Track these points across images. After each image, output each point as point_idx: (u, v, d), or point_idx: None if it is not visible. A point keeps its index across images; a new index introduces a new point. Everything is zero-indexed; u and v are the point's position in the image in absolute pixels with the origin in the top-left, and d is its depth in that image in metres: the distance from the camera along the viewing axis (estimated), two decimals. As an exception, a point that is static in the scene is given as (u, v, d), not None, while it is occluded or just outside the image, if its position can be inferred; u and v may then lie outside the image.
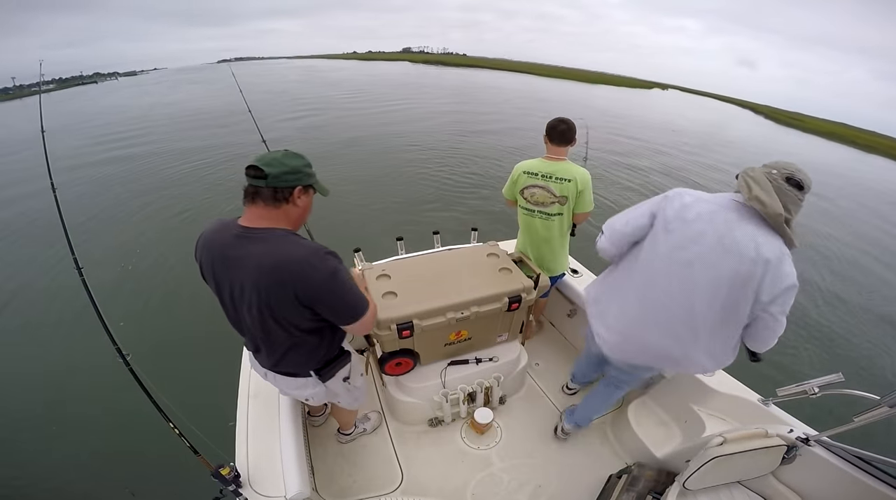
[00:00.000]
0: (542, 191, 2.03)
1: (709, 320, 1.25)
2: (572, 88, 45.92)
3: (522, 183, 2.09)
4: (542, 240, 2.19)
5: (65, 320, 4.25)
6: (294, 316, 1.15)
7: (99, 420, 3.19)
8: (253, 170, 1.06)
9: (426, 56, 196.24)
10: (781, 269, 1.13)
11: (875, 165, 23.15)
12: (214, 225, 1.18)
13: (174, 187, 8.30)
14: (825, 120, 76.77)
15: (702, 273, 1.22)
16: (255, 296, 1.10)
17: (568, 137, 1.98)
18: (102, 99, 30.62)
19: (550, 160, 2.02)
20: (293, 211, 1.14)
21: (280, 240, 1.09)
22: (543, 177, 2.01)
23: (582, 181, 1.96)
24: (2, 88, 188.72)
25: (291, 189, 1.11)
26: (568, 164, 2.00)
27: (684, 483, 1.47)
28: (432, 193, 7.81)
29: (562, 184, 1.97)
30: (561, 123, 1.98)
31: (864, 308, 5.49)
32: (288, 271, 1.06)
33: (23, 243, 6.17)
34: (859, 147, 33.06)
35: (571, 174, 1.96)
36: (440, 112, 18.06)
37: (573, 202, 2.02)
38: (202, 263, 1.19)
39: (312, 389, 1.44)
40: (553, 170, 1.99)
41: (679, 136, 18.34)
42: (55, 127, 16.37)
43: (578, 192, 1.98)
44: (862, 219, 9.85)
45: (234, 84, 3.31)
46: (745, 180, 1.20)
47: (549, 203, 2.04)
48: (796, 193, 1.15)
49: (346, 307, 1.19)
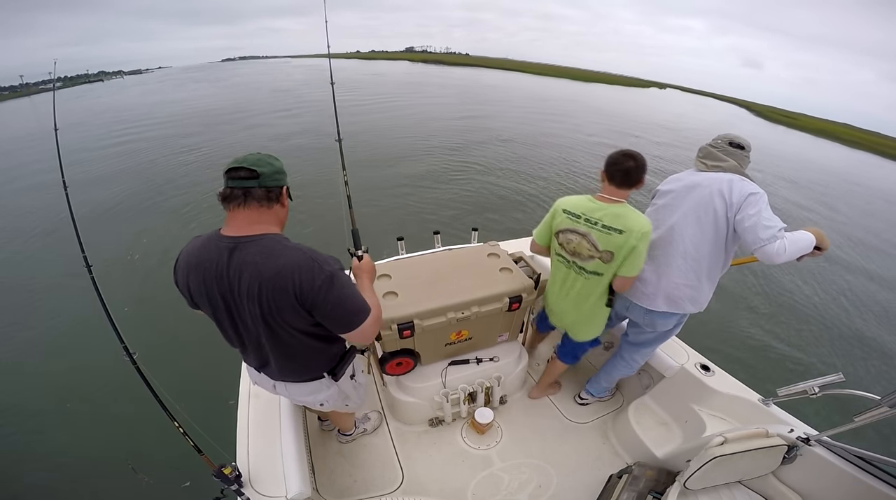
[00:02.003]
0: (581, 240, 1.60)
1: (705, 250, 1.57)
2: (567, 86, 46.02)
3: (559, 224, 1.68)
4: (576, 297, 1.76)
5: (72, 317, 4.27)
6: (299, 322, 1.12)
7: (103, 418, 3.20)
8: (244, 171, 1.01)
9: (426, 55, 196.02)
10: (742, 184, 1.50)
11: (862, 161, 24.18)
12: (196, 245, 1.11)
13: (181, 183, 8.37)
14: (826, 120, 77.55)
15: (687, 217, 1.59)
16: (258, 308, 1.06)
17: (634, 177, 1.52)
18: (109, 97, 30.90)
19: (602, 201, 1.58)
20: (281, 212, 1.13)
21: (278, 245, 1.05)
22: (587, 222, 1.57)
23: (638, 236, 1.49)
24: (9, 86, 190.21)
25: (280, 189, 1.10)
26: (624, 208, 1.54)
27: (685, 483, 1.48)
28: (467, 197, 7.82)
29: (609, 235, 1.52)
30: (627, 158, 1.50)
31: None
32: (290, 277, 1.02)
33: (32, 239, 6.21)
34: (848, 144, 34.02)
35: (625, 224, 1.49)
36: (442, 111, 18.07)
37: (620, 262, 1.56)
38: (191, 287, 1.11)
39: (327, 391, 1.40)
40: (601, 215, 1.55)
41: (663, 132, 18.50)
42: (65, 124, 16.66)
43: (630, 249, 1.51)
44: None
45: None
46: (702, 160, 1.67)
47: (587, 257, 1.61)
48: (740, 151, 1.60)
49: (343, 315, 1.13)
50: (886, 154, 29.38)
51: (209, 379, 3.23)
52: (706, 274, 1.62)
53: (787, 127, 38.77)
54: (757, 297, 5.35)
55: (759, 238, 1.41)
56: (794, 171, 14.85)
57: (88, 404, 3.34)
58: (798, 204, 10.25)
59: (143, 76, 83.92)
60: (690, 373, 1.91)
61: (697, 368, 1.93)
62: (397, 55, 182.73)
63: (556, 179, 9.17)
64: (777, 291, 5.57)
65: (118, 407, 3.19)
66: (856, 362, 4.38)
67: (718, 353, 4.04)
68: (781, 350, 4.38)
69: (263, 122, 15.68)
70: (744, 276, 5.73)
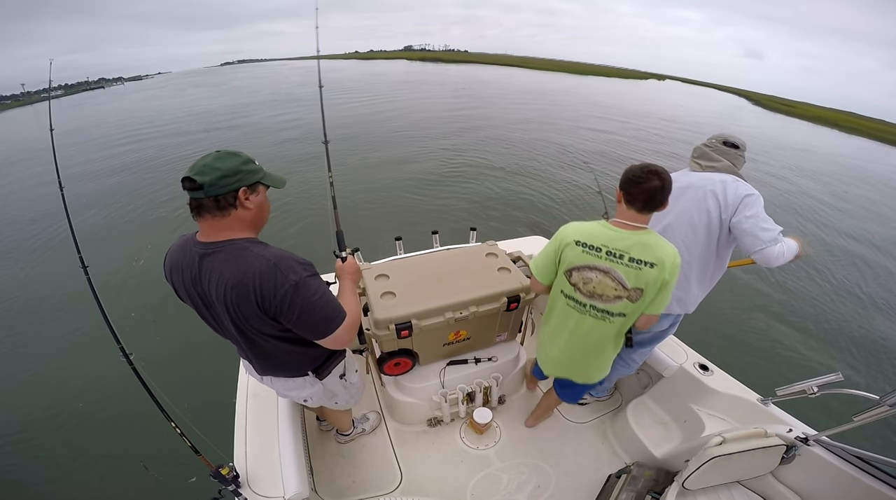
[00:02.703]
0: (604, 278, 1.34)
1: (696, 252, 1.57)
2: (564, 80, 46.15)
3: (572, 260, 1.39)
4: (589, 348, 1.51)
5: (69, 319, 4.26)
6: (267, 328, 1.11)
7: (100, 419, 3.19)
8: (188, 182, 0.95)
9: (423, 54, 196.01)
10: (737, 185, 1.50)
11: (855, 145, 24.45)
12: (178, 244, 1.12)
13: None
14: (824, 107, 78.43)
15: (681, 218, 1.58)
16: (226, 313, 1.07)
17: (659, 200, 1.25)
18: (112, 104, 30.85)
19: (624, 229, 1.31)
20: (245, 214, 1.05)
21: (241, 253, 1.02)
22: (610, 255, 1.31)
23: (672, 268, 1.28)
24: (10, 95, 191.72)
25: (234, 193, 1.01)
26: (652, 236, 1.30)
27: (683, 483, 1.48)
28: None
29: (640, 270, 1.28)
30: (651, 176, 1.22)
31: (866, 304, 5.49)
32: (251, 286, 1.00)
33: (30, 240, 6.19)
34: (847, 131, 34.37)
35: (657, 256, 1.26)
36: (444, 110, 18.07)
37: (649, 300, 1.33)
38: (175, 286, 1.15)
39: (310, 388, 1.42)
40: (626, 245, 1.29)
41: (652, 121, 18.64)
42: (69, 130, 16.83)
43: (663, 283, 1.29)
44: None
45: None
46: (696, 161, 1.67)
47: (613, 298, 1.35)
48: (735, 150, 1.60)
49: (312, 323, 1.09)
50: (886, 140, 29.74)
51: (209, 379, 3.23)
52: (696, 276, 1.61)
53: (785, 115, 39.10)
54: (759, 296, 5.36)
55: (759, 240, 1.39)
56: (796, 159, 15.05)
57: (88, 404, 3.33)
58: (802, 190, 10.25)
59: (143, 82, 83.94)
60: (689, 373, 1.91)
61: (696, 367, 1.93)
62: (395, 54, 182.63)
63: (556, 178, 9.16)
64: (778, 290, 5.58)
65: (118, 407, 3.18)
66: (857, 362, 4.39)
67: (719, 353, 4.04)
68: (782, 350, 4.38)
69: (260, 123, 15.73)
70: (747, 275, 5.74)
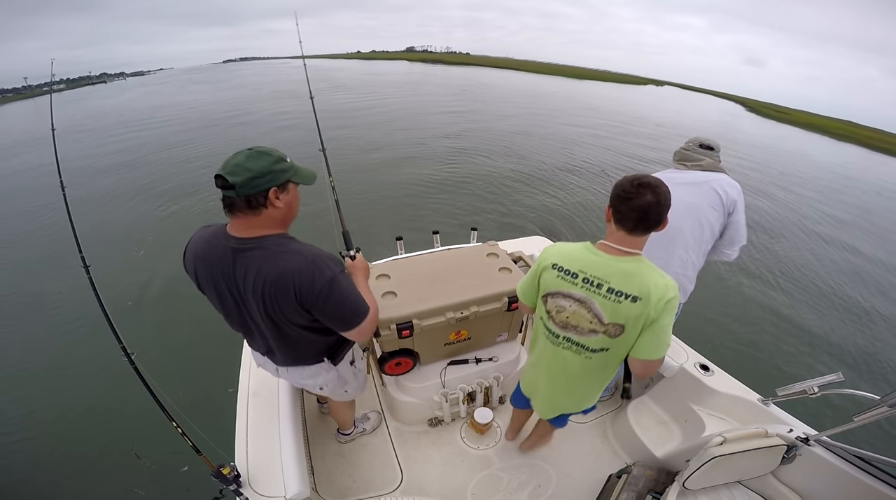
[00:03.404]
0: (579, 308, 1.17)
1: (704, 241, 1.69)
2: (563, 84, 46.17)
3: (547, 285, 1.23)
4: (569, 381, 1.34)
5: (71, 318, 4.27)
6: (300, 319, 1.18)
7: (101, 418, 3.20)
8: (220, 180, 0.98)
9: (423, 55, 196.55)
10: (733, 183, 1.67)
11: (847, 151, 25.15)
12: (203, 236, 1.14)
13: (187, 181, 8.46)
14: (817, 114, 79.31)
15: (689, 211, 1.67)
16: (262, 306, 1.12)
17: (654, 218, 1.04)
18: (113, 98, 31.01)
19: (609, 253, 1.13)
20: (276, 213, 1.07)
21: (278, 250, 1.07)
22: (587, 283, 1.14)
23: (660, 305, 1.06)
24: (12, 88, 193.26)
25: (265, 193, 1.02)
26: (639, 264, 1.10)
27: (684, 483, 1.48)
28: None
29: (619, 304, 1.09)
30: (643, 190, 1.02)
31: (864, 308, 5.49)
32: (290, 281, 1.06)
33: (31, 238, 6.21)
34: (837, 137, 34.89)
35: (641, 288, 1.07)
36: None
37: (634, 338, 1.13)
38: (198, 276, 1.16)
39: (326, 375, 1.47)
40: (606, 273, 1.11)
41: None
42: (70, 125, 16.89)
43: (649, 322, 1.08)
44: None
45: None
46: (680, 163, 1.84)
47: (588, 331, 1.18)
48: (710, 152, 1.79)
49: (343, 316, 1.18)
50: (877, 148, 30.04)
51: (209, 377, 3.23)
52: (695, 264, 1.75)
53: (777, 121, 39.64)
54: (759, 296, 5.35)
55: (742, 239, 1.62)
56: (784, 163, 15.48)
57: (87, 404, 3.33)
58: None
59: (145, 78, 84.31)
60: (690, 373, 1.91)
61: (697, 368, 1.93)
62: (397, 55, 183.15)
63: (557, 179, 9.16)
64: (778, 290, 5.57)
65: (117, 407, 3.19)
66: (858, 362, 4.38)
67: (719, 353, 4.04)
68: (782, 350, 4.38)
69: (261, 120, 15.79)
70: (748, 276, 5.73)
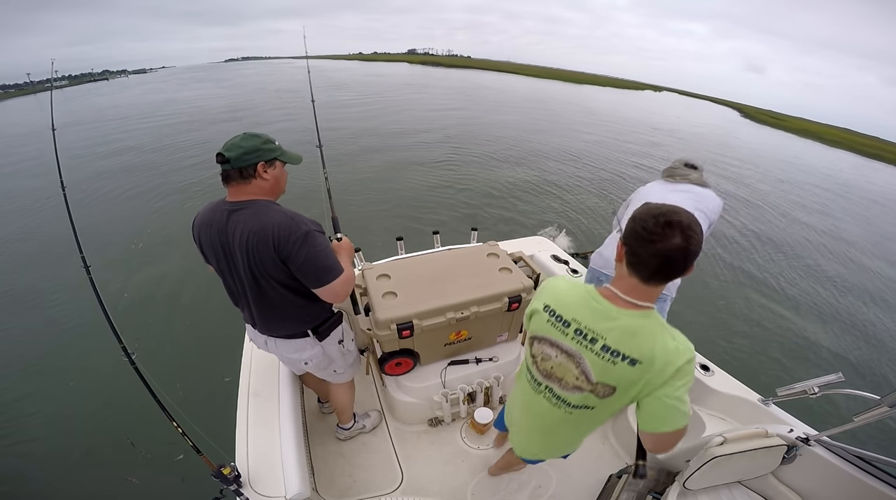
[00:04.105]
0: (566, 361, 0.97)
1: None
2: (560, 88, 46.27)
3: (535, 327, 1.05)
4: (545, 429, 1.16)
5: (70, 318, 4.27)
6: (278, 273, 1.29)
7: (101, 418, 3.20)
8: (219, 157, 1.23)
9: (424, 58, 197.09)
10: (714, 196, 1.87)
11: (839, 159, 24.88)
12: (207, 208, 1.34)
13: (185, 174, 8.53)
14: (811, 121, 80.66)
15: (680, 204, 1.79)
16: (245, 257, 1.26)
17: (680, 265, 0.81)
18: (115, 95, 31.13)
19: (614, 302, 0.90)
20: (264, 184, 1.29)
21: (264, 208, 1.27)
22: (579, 335, 0.93)
23: (664, 371, 0.85)
24: (14, 84, 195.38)
25: (254, 166, 1.25)
26: (647, 320, 0.88)
27: (684, 483, 1.48)
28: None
29: (613, 365, 0.89)
30: (672, 230, 0.78)
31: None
32: (271, 232, 1.22)
33: (32, 237, 6.21)
34: (827, 142, 34.72)
35: (642, 351, 0.86)
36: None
37: (628, 401, 0.95)
38: (202, 242, 1.34)
39: (311, 350, 1.54)
40: (606, 327, 0.90)
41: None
42: (72, 121, 16.97)
43: (651, 388, 0.87)
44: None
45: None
46: (671, 176, 1.98)
47: (572, 386, 0.99)
48: (693, 170, 1.94)
49: (314, 270, 1.28)
50: (867, 153, 30.12)
51: (209, 376, 3.23)
52: None
53: (772, 127, 39.74)
54: (760, 296, 5.35)
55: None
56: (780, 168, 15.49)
57: (87, 403, 3.34)
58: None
59: (147, 75, 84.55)
60: None
61: (697, 368, 1.93)
62: (397, 57, 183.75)
63: (558, 179, 9.17)
64: (779, 291, 5.57)
65: (116, 407, 3.19)
66: (858, 362, 4.38)
67: (719, 353, 4.04)
68: (782, 350, 4.38)
69: (262, 118, 15.89)
70: (749, 278, 5.73)
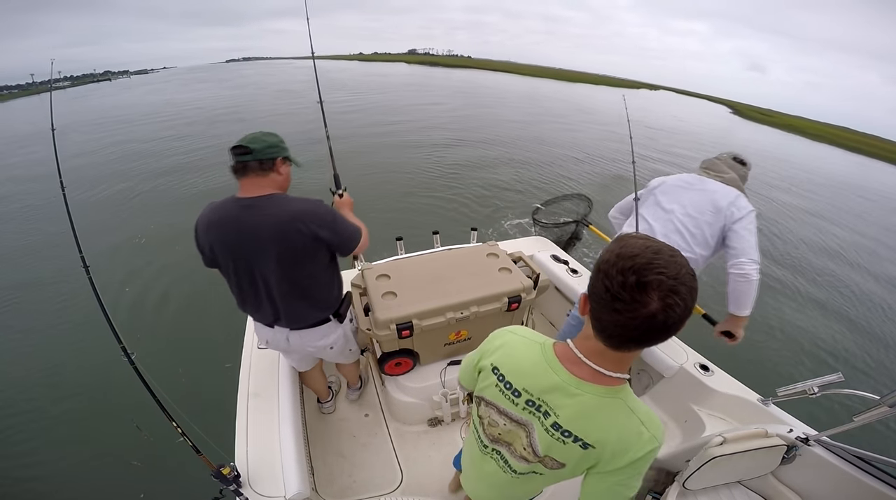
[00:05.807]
0: (516, 429, 0.85)
1: (697, 236, 1.74)
2: (556, 87, 46.24)
3: (482, 388, 0.91)
4: (494, 485, 1.01)
5: (69, 318, 4.26)
6: (309, 253, 1.36)
7: (100, 417, 3.20)
8: (240, 149, 1.25)
9: (423, 58, 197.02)
10: (740, 201, 1.69)
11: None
12: (212, 208, 1.33)
13: (189, 171, 8.54)
14: (801, 117, 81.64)
15: (686, 207, 1.77)
16: (275, 248, 1.29)
17: (659, 336, 0.61)
18: (116, 96, 31.15)
19: (570, 371, 0.75)
20: (279, 179, 1.34)
21: (285, 199, 1.32)
22: (530, 406, 0.79)
23: (618, 458, 0.72)
24: (16, 85, 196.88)
25: (274, 160, 1.30)
26: (613, 400, 0.73)
27: (684, 483, 1.48)
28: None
29: (563, 444, 0.76)
30: (647, 296, 0.57)
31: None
32: (305, 217, 1.29)
33: (32, 237, 6.20)
34: (814, 138, 35.53)
35: (600, 436, 0.73)
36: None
37: (575, 474, 0.83)
38: (212, 243, 1.32)
39: (335, 333, 1.64)
40: (559, 403, 0.75)
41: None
42: (75, 121, 16.87)
43: (596, 468, 0.77)
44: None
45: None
46: (704, 170, 1.90)
47: (519, 456, 0.87)
48: (742, 167, 1.85)
49: (347, 240, 1.43)
50: (856, 150, 30.29)
51: (209, 376, 3.23)
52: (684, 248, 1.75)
53: (760, 124, 39.76)
54: (760, 296, 5.34)
55: (752, 250, 1.61)
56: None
57: (86, 404, 3.33)
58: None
59: (148, 76, 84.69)
60: (690, 373, 1.91)
61: (697, 368, 1.93)
62: (397, 57, 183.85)
63: (558, 180, 9.16)
64: (779, 290, 5.57)
65: (116, 407, 3.18)
66: (858, 362, 4.37)
67: (719, 353, 4.03)
68: (782, 350, 4.37)
69: (262, 116, 15.90)
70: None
